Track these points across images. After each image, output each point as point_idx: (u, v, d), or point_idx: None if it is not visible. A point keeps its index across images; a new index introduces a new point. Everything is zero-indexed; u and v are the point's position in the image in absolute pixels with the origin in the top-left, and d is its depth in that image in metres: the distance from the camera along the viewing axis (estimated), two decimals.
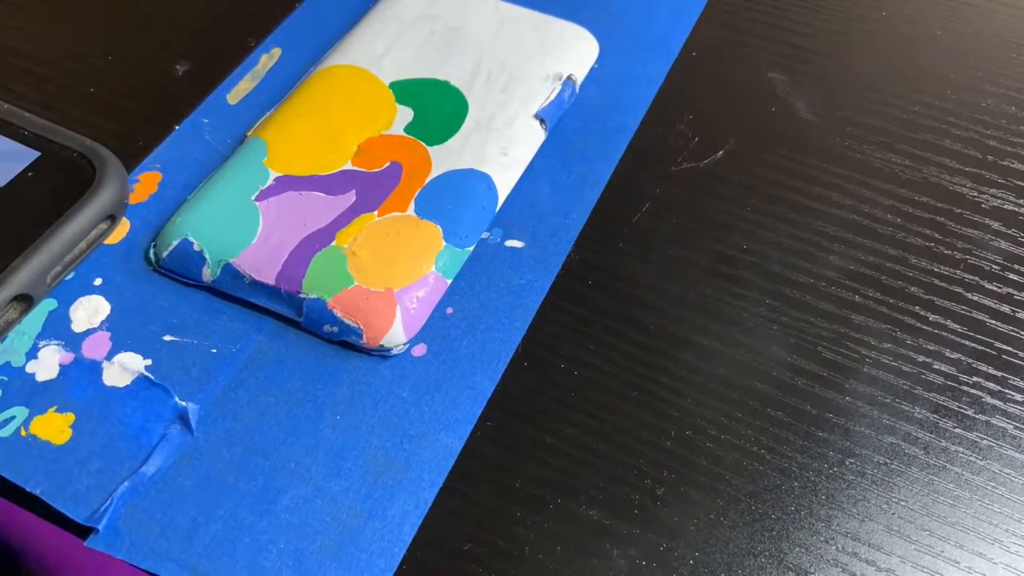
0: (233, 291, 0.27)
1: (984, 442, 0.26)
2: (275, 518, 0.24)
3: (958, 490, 0.25)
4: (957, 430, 0.26)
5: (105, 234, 0.27)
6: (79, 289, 0.28)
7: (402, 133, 0.31)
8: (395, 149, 0.30)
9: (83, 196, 0.26)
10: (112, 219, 0.27)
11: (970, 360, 0.27)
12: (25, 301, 0.26)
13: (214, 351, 0.27)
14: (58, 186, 0.26)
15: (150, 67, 0.34)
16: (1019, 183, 0.31)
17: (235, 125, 0.32)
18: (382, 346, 0.26)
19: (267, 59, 0.34)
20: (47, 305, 0.27)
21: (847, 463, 0.25)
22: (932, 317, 0.28)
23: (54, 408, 0.25)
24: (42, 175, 0.26)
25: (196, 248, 0.28)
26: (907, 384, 0.27)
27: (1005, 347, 0.27)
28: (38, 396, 0.26)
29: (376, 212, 0.28)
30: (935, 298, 0.28)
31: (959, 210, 0.31)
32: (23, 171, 0.26)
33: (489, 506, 0.24)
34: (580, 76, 0.33)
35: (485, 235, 0.30)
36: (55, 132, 0.28)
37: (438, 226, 0.28)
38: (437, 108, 0.31)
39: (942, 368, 0.27)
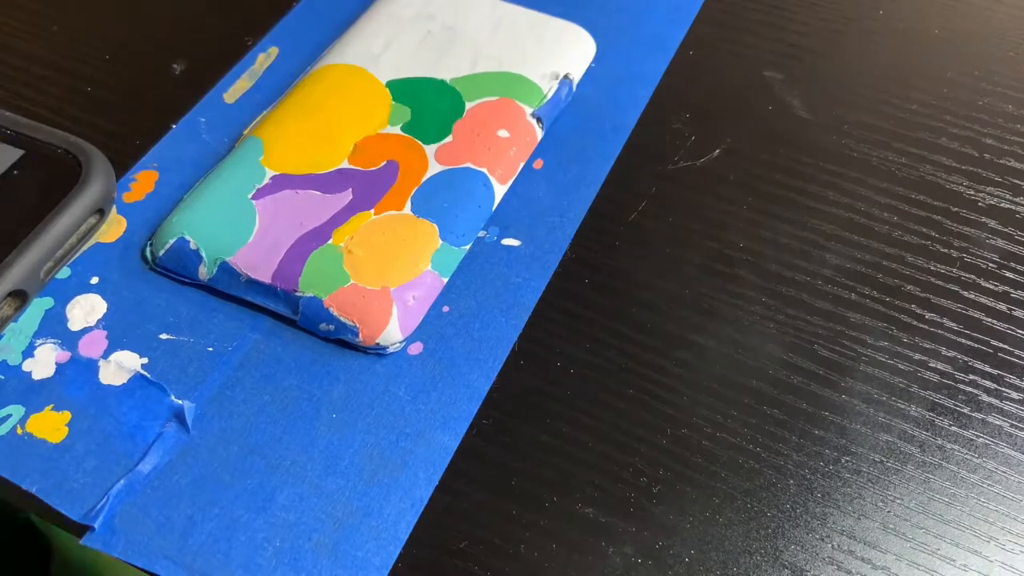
0: (229, 290, 0.27)
1: (980, 440, 0.26)
2: (271, 516, 0.24)
3: (954, 488, 0.25)
4: (953, 428, 0.26)
5: (95, 228, 0.28)
6: (76, 288, 0.28)
7: (399, 132, 0.31)
8: (392, 148, 0.30)
9: (71, 191, 0.27)
10: (101, 213, 0.28)
11: (966, 358, 0.27)
12: (20, 297, 0.26)
13: (210, 349, 0.27)
14: (45, 183, 0.27)
15: (147, 66, 0.34)
16: (1016, 181, 0.31)
17: (232, 124, 0.32)
18: (378, 344, 0.26)
19: (264, 58, 0.34)
20: (44, 304, 0.27)
21: (843, 461, 0.25)
22: (928, 315, 0.28)
23: (50, 406, 0.26)
24: (28, 173, 0.27)
25: (192, 247, 0.28)
26: (903, 382, 0.27)
27: (1001, 345, 0.27)
28: (34, 394, 0.26)
29: (372, 210, 0.28)
30: (931, 296, 0.28)
31: (956, 208, 0.31)
32: (8, 169, 0.26)
33: (485, 504, 0.24)
34: (577, 75, 0.33)
35: (482, 234, 0.30)
36: (38, 130, 0.28)
37: (434, 224, 0.28)
38: (434, 107, 0.31)
39: (938, 366, 0.27)
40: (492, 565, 0.23)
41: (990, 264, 0.29)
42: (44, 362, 0.26)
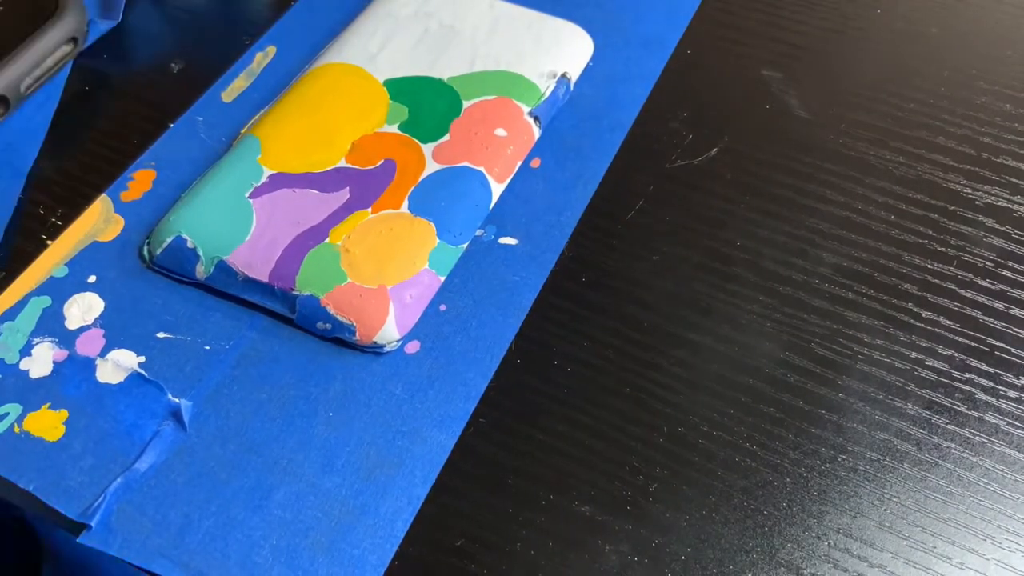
0: (226, 288, 0.27)
1: (977, 438, 0.26)
2: (267, 514, 0.24)
3: (951, 486, 0.25)
4: (950, 426, 0.26)
5: (69, 56, 0.33)
6: (73, 286, 0.28)
7: (396, 131, 0.31)
8: (389, 146, 0.30)
9: (47, 21, 0.32)
10: (75, 42, 0.33)
11: (963, 357, 0.27)
12: (3, 104, 0.31)
13: (207, 348, 0.27)
14: (25, 16, 0.32)
15: (145, 65, 0.34)
16: (1013, 180, 0.31)
17: (230, 123, 0.32)
18: (375, 343, 0.26)
19: (262, 57, 0.34)
20: (41, 302, 0.28)
21: (839, 459, 0.25)
22: (925, 314, 0.28)
23: (47, 405, 0.26)
24: (10, 9, 0.33)
25: (190, 245, 0.28)
26: (900, 380, 0.27)
27: (998, 343, 0.27)
28: (32, 393, 0.26)
29: (370, 209, 0.28)
30: (928, 295, 0.29)
31: (953, 207, 0.31)
32: None
33: (481, 502, 0.24)
34: (575, 74, 0.33)
35: (479, 232, 0.30)
36: None
37: (432, 223, 0.28)
38: (431, 106, 0.31)
39: (935, 364, 0.27)
40: (489, 563, 0.23)
41: (987, 263, 0.29)
42: (41, 360, 0.26)
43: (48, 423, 0.25)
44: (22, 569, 0.27)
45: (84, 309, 0.27)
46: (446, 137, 0.30)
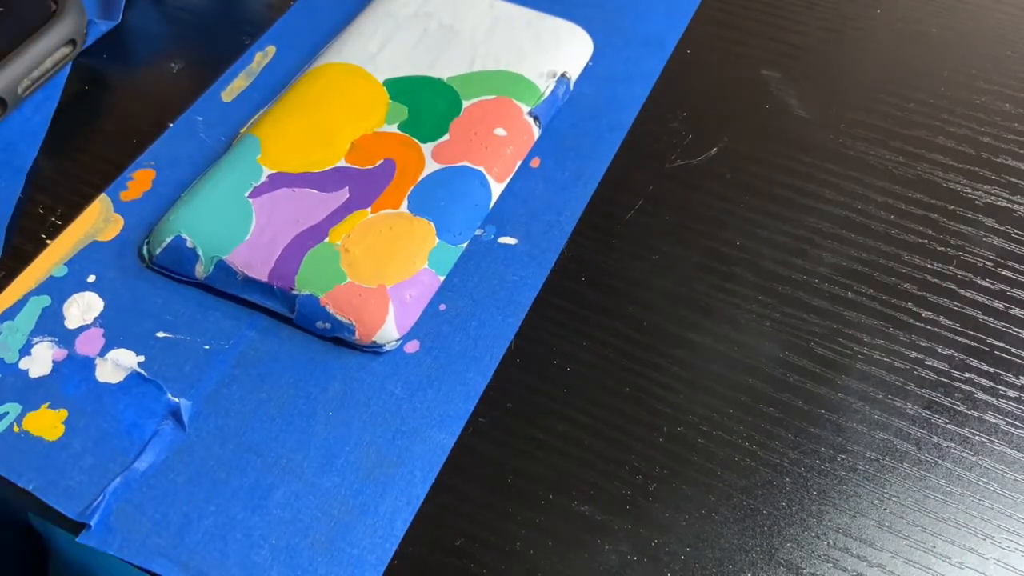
0: (226, 288, 0.27)
1: (976, 438, 0.26)
2: (267, 514, 0.24)
3: (950, 486, 0.25)
4: (949, 426, 0.26)
5: (68, 58, 0.33)
6: (73, 286, 0.28)
7: (396, 130, 0.31)
8: (389, 146, 0.30)
9: (46, 23, 0.32)
10: (73, 44, 0.33)
11: (963, 356, 0.27)
12: (1, 106, 0.31)
13: (207, 347, 0.27)
14: (25, 17, 0.32)
15: (145, 65, 0.35)
16: (1013, 180, 0.31)
17: (229, 122, 0.32)
18: (375, 342, 0.26)
19: (262, 57, 0.34)
20: (41, 302, 0.28)
21: (839, 459, 0.25)
22: (925, 313, 0.28)
23: (47, 404, 0.26)
24: (9, 10, 0.32)
25: (189, 245, 0.28)
26: (899, 380, 0.27)
27: (998, 343, 0.27)
28: (31, 392, 0.26)
29: (369, 209, 0.28)
30: (928, 294, 0.29)
31: (952, 207, 0.31)
32: None
33: (481, 502, 0.24)
34: (574, 74, 0.33)
35: (478, 232, 0.30)
36: None
37: (431, 223, 0.28)
38: (431, 105, 0.31)
39: (934, 364, 0.27)
40: (488, 563, 0.23)
41: (987, 262, 0.29)
42: (41, 360, 0.26)
43: (48, 422, 0.25)
44: (27, 571, 0.27)
45: (84, 308, 0.27)
46: (446, 137, 0.30)
